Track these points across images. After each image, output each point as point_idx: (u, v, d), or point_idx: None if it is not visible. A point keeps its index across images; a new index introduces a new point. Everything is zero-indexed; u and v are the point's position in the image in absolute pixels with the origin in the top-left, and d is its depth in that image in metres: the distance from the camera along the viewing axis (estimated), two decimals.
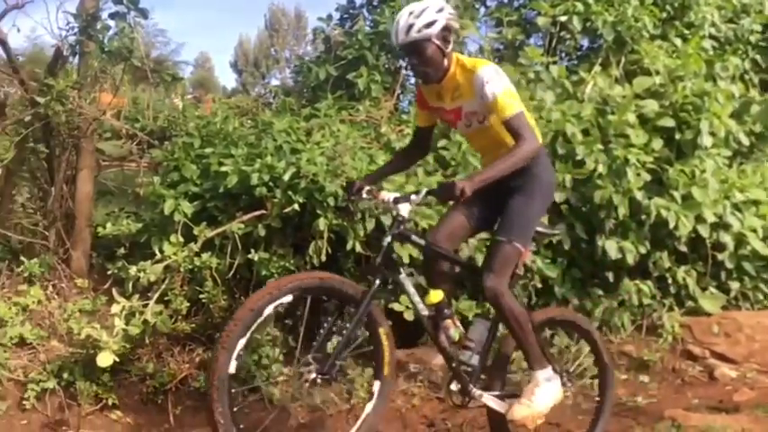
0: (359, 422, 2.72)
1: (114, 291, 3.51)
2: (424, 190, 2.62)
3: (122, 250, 3.65)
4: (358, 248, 3.58)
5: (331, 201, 3.51)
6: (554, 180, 3.01)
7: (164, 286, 3.45)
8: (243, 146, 3.85)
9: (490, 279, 2.68)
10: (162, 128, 4.26)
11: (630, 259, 4.05)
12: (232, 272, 3.57)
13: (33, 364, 3.32)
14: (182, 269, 3.48)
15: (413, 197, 2.63)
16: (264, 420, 3.38)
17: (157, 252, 3.54)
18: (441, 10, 2.63)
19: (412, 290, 2.73)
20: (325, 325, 2.63)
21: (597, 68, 4.79)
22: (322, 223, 3.50)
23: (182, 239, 3.54)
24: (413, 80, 5.29)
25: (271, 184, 3.60)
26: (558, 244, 3.98)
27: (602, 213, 3.98)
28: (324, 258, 3.54)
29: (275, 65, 39.94)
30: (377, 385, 2.75)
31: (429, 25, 2.59)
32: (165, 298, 3.46)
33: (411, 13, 2.61)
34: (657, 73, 4.59)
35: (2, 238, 3.71)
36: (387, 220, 3.54)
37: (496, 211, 2.82)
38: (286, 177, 3.51)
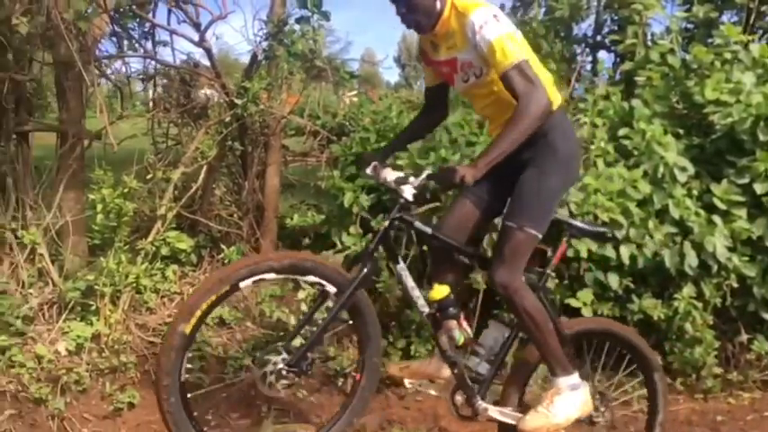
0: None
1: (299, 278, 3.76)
2: (425, 173, 2.31)
3: (307, 240, 3.90)
4: None
5: None
6: (575, 151, 2.52)
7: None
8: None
9: (500, 272, 2.33)
10: (340, 124, 4.47)
11: None
12: (407, 263, 3.66)
13: (231, 342, 3.65)
14: None
15: (411, 179, 2.33)
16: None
17: (338, 243, 3.75)
18: None
19: (411, 283, 2.45)
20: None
21: None
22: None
23: (360, 231, 3.72)
24: (588, 67, 5.06)
25: None
26: (759, 240, 3.60)
27: None
28: None
29: None
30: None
31: None
32: None
33: None
34: None
35: (204, 228, 4.11)
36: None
37: (509, 191, 2.43)
38: None
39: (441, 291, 2.44)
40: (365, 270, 2.33)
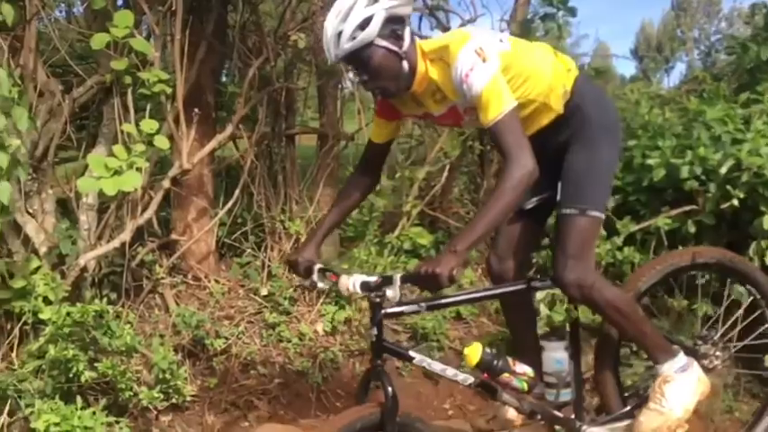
0: None
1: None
2: (398, 276, 1.88)
3: (546, 240, 3.85)
4: None
5: None
6: (615, 116, 2.25)
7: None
8: (671, 137, 3.66)
9: (569, 270, 2.04)
10: None
11: None
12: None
13: (467, 336, 3.75)
14: (603, 262, 3.51)
15: (388, 293, 1.89)
16: None
17: None
18: None
19: (439, 366, 2.09)
20: None
21: None
22: (766, 221, 3.11)
23: (603, 233, 3.58)
24: None
25: (703, 177, 3.35)
26: None
27: None
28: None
29: (681, 47, 36.91)
30: None
31: (363, 26, 1.87)
32: None
33: (337, 16, 1.89)
34: None
35: (443, 224, 4.28)
36: None
37: (556, 180, 2.13)
38: (723, 170, 3.21)
39: (474, 352, 2.07)
40: (389, 391, 1.95)
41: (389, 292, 1.89)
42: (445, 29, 3.76)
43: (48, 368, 2.68)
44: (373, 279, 1.95)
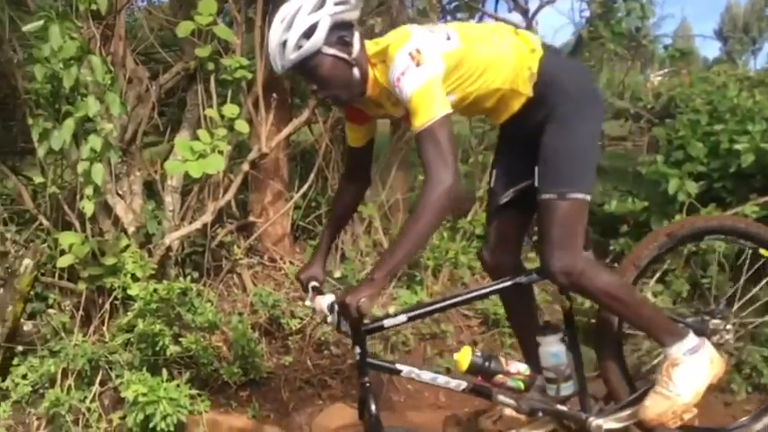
0: None
1: (616, 266, 3.64)
2: (336, 306, 1.81)
3: (625, 227, 3.75)
4: None
5: None
6: (589, 88, 2.09)
7: (665, 266, 3.42)
8: (761, 121, 3.49)
9: (555, 258, 1.90)
10: (665, 106, 4.18)
11: None
12: (742, 258, 3.30)
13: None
14: (685, 251, 3.39)
15: (328, 318, 1.89)
16: None
17: None
18: (320, 5, 1.79)
19: (429, 375, 2.02)
20: None
21: None
22: None
23: None
24: None
25: None
26: None
27: None
28: None
29: None
30: None
31: (308, 34, 1.78)
32: (666, 278, 3.43)
33: (281, 24, 1.81)
34: None
35: None
36: None
37: (535, 164, 1.99)
38: None
39: (464, 356, 2.02)
40: (372, 410, 1.91)
41: (329, 318, 1.89)
42: (523, 11, 3.69)
43: (136, 341, 2.83)
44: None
